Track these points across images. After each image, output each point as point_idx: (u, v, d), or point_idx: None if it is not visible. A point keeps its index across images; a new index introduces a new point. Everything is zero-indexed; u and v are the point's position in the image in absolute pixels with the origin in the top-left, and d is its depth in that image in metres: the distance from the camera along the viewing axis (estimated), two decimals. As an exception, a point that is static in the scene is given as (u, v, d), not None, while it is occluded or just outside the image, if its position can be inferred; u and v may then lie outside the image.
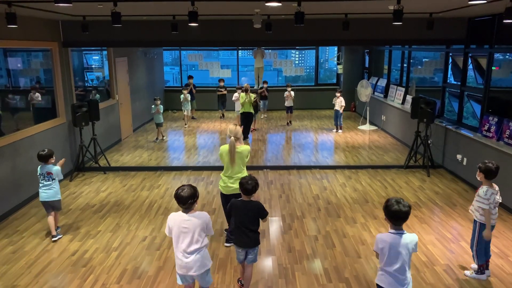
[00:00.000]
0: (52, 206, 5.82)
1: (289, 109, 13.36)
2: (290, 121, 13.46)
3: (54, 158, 5.83)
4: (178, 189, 3.70)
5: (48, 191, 5.75)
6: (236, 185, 5.17)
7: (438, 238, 5.72)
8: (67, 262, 5.17)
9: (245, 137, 11.11)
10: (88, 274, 4.91)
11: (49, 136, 7.81)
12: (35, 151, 7.24)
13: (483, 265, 4.74)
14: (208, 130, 12.85)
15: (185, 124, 13.18)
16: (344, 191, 7.53)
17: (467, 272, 4.83)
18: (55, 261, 5.21)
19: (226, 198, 5.43)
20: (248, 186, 4.24)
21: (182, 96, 12.86)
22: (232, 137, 5.20)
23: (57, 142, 8.11)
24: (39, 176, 5.76)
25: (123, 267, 5.07)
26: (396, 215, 3.31)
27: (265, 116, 14.49)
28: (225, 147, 5.32)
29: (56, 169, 5.79)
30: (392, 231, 3.41)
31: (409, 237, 3.40)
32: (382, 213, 6.62)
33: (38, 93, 8.07)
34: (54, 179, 5.76)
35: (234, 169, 5.28)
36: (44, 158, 5.72)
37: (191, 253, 3.74)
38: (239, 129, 5.34)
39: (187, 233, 3.70)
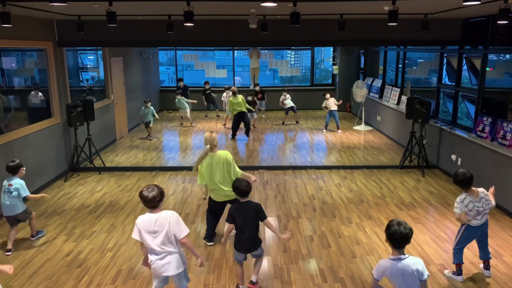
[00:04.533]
0: (17, 220, 5.46)
1: (292, 109, 13.27)
2: (284, 122, 13.49)
3: (24, 169, 5.50)
4: (143, 189, 3.61)
5: (8, 206, 5.36)
6: (223, 192, 5.15)
7: (433, 238, 5.74)
8: (61, 263, 5.15)
9: (246, 135, 11.20)
10: (83, 274, 4.89)
11: (44, 136, 7.77)
12: (29, 151, 7.23)
13: (460, 265, 4.76)
14: (204, 130, 12.84)
15: (192, 124, 13.23)
16: (340, 191, 7.54)
17: (446, 271, 4.87)
18: (49, 261, 5.18)
19: (216, 204, 5.42)
20: (242, 187, 4.28)
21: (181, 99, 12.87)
22: (208, 146, 5.16)
23: (52, 142, 8.07)
24: (3, 189, 5.36)
25: (118, 267, 5.05)
26: (394, 236, 3.13)
27: (263, 116, 14.46)
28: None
29: (17, 181, 5.33)
30: (392, 257, 3.21)
31: (410, 261, 3.18)
32: (378, 213, 6.69)
33: (41, 94, 8.04)
34: (12, 192, 5.30)
35: (217, 179, 5.20)
36: (13, 170, 5.34)
37: (165, 253, 3.64)
38: (215, 137, 5.24)
39: (159, 232, 3.60)
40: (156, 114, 11.60)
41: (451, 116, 8.83)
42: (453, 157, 8.11)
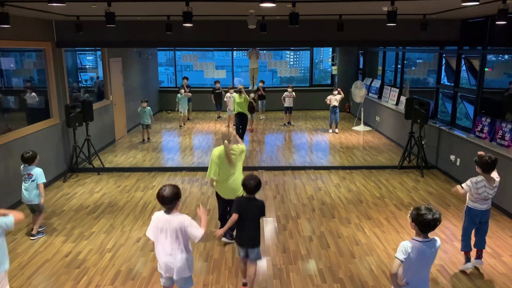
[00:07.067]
0: (32, 209, 5.82)
1: (289, 109, 13.32)
2: (289, 122, 13.48)
3: (38, 159, 5.81)
4: (160, 189, 3.64)
5: (28, 194, 5.71)
6: (237, 187, 5.15)
7: (432, 238, 5.74)
8: (60, 264, 5.14)
9: (241, 138, 11.09)
10: (82, 275, 4.88)
11: (43, 137, 7.76)
12: (28, 152, 7.21)
13: (468, 253, 4.91)
14: (203, 130, 12.84)
15: (183, 125, 13.18)
16: (339, 192, 7.55)
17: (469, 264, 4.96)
18: (48, 262, 5.17)
19: (224, 202, 5.42)
20: (251, 185, 4.35)
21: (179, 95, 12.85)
22: (226, 141, 5.19)
23: (51, 143, 8.06)
24: (23, 178, 5.77)
25: (117, 268, 5.05)
26: (423, 222, 3.20)
27: (264, 117, 14.45)
28: (219, 150, 5.27)
29: (37, 170, 5.71)
30: (418, 238, 3.28)
31: (435, 243, 3.34)
32: (377, 213, 6.69)
33: (34, 93, 8.02)
34: (33, 180, 5.68)
35: (232, 172, 5.24)
36: (28, 160, 5.68)
37: (173, 255, 3.64)
38: (232, 132, 5.36)
39: (169, 234, 3.61)
40: (152, 117, 11.15)
41: (450, 117, 8.84)
42: (452, 157, 8.11)
